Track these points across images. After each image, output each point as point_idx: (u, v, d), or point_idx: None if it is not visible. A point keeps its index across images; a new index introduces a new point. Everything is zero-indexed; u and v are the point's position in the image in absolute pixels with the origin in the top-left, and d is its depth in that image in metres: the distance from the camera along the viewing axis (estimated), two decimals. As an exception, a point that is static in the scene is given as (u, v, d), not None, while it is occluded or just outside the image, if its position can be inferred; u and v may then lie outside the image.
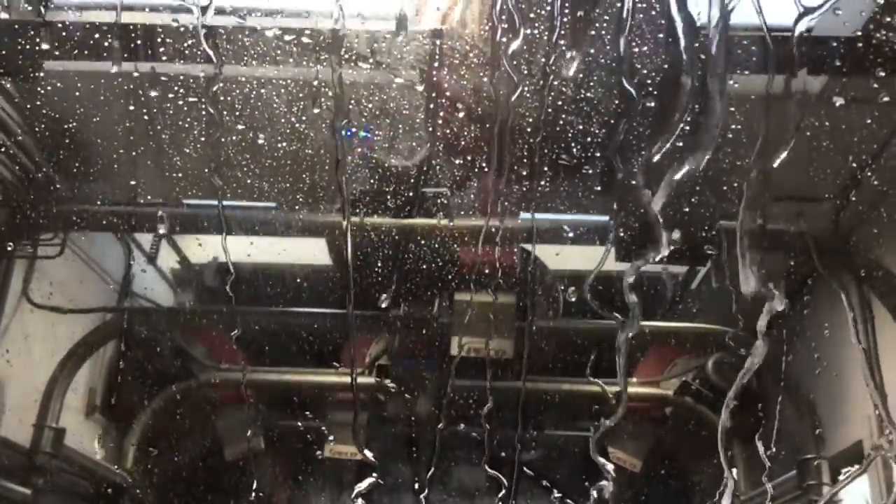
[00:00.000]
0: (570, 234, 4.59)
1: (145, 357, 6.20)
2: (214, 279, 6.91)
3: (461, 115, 3.58)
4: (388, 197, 4.35)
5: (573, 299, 5.66)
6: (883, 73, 3.74)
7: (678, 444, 6.52)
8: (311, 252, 6.11)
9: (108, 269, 6.10)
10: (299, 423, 6.93)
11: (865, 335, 5.20)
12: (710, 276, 6.01)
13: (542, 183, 4.04)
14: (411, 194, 4.31)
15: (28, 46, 3.72)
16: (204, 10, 3.47)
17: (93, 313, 5.84)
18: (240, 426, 6.59)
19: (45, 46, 3.88)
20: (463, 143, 3.74)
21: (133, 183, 4.68)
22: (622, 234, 4.01)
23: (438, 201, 4.35)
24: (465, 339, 5.13)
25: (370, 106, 4.29)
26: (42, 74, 3.82)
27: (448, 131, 3.72)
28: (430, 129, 3.77)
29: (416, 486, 7.02)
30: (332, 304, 6.24)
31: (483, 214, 4.35)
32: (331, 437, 6.44)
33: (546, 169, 3.98)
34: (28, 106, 4.32)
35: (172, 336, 6.18)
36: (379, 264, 4.91)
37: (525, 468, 7.26)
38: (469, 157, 3.86)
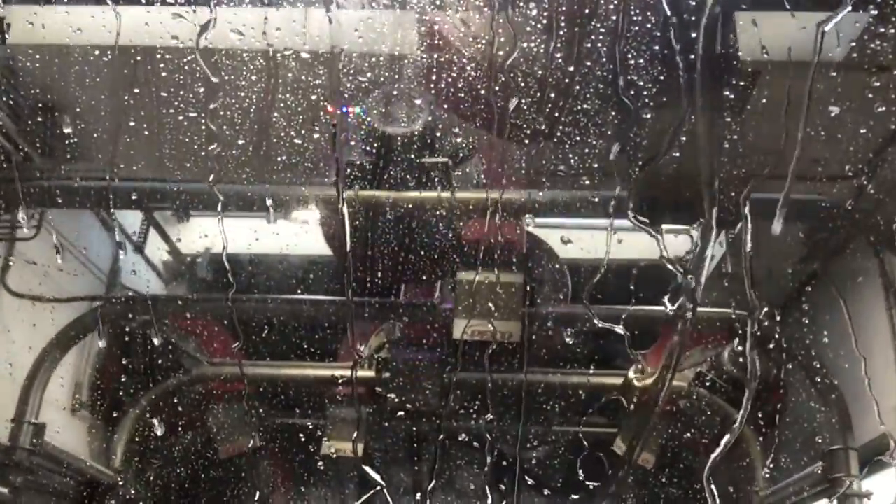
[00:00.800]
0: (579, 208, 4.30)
1: (134, 350, 5.91)
2: (207, 271, 6.66)
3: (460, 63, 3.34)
4: (387, 168, 4.09)
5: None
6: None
7: (693, 438, 6.22)
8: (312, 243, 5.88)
9: (93, 257, 5.83)
10: (296, 420, 6.67)
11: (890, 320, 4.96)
12: (725, 260, 5.76)
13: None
14: (410, 165, 4.06)
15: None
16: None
17: (77, 302, 5.55)
18: (234, 423, 6.31)
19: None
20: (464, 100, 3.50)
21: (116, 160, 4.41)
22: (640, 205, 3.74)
23: (438, 172, 4.08)
24: (470, 323, 4.83)
25: (368, 76, 4.06)
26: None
27: (448, 87, 3.48)
28: (430, 82, 3.52)
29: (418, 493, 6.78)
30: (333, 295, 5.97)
31: (487, 185, 4.08)
32: (328, 435, 6.15)
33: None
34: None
35: (163, 328, 5.89)
36: (376, 242, 4.64)
37: (527, 476, 6.98)
38: (472, 119, 3.61)
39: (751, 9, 3.42)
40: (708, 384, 5.88)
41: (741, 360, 5.77)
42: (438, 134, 4.24)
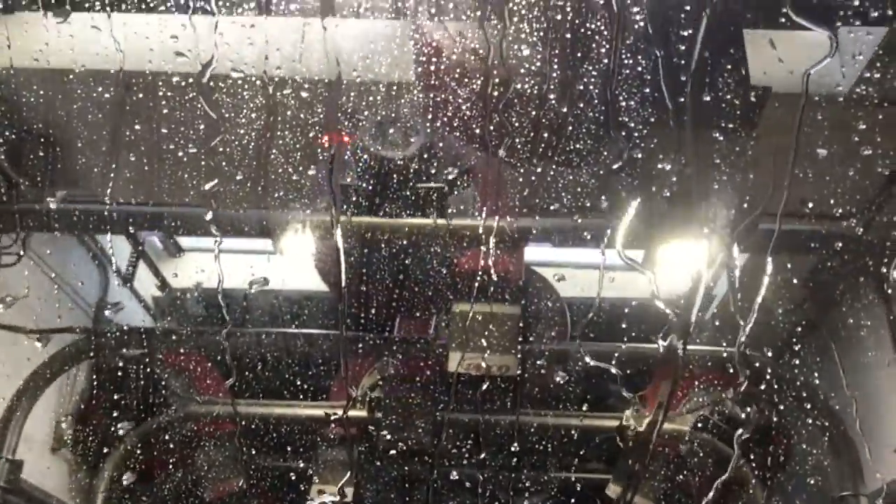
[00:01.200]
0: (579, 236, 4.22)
1: (119, 387, 5.76)
2: (197, 306, 6.55)
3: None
4: (383, 198, 4.02)
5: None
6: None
7: (696, 484, 6.02)
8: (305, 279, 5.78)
9: (81, 289, 5.72)
10: (287, 462, 6.47)
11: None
12: (727, 300, 5.64)
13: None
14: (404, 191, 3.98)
15: None
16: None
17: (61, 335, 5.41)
18: (222, 464, 6.11)
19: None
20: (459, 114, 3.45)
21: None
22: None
23: (434, 199, 4.00)
24: (465, 356, 4.69)
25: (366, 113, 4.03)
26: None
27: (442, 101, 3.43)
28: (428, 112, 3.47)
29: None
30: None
31: (483, 211, 3.99)
32: (319, 476, 5.95)
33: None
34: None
35: (150, 363, 5.73)
36: (371, 277, 4.55)
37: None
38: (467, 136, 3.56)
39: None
40: (709, 428, 5.71)
41: (744, 402, 5.62)
42: (434, 167, 4.18)
